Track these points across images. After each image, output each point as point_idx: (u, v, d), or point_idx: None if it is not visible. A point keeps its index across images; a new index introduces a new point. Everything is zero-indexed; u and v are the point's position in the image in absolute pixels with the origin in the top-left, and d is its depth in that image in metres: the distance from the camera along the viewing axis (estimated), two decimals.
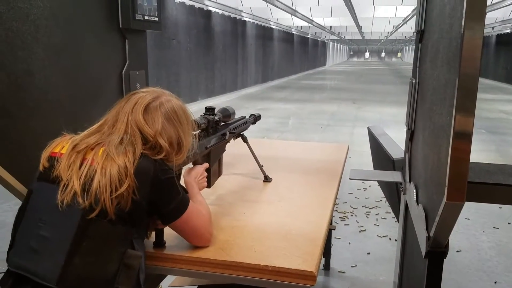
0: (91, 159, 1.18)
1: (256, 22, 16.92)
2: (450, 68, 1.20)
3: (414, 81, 1.87)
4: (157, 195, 1.20)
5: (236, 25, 14.85)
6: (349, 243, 3.33)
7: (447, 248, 1.38)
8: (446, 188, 1.10)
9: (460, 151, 1.07)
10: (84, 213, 1.13)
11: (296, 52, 25.91)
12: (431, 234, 1.31)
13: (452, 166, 1.08)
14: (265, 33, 18.56)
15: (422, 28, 1.83)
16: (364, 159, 5.13)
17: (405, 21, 17.92)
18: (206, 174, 1.55)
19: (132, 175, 1.15)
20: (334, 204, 1.78)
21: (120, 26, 1.98)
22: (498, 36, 21.20)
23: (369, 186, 4.61)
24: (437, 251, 1.37)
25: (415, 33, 1.99)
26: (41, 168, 1.23)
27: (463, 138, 1.06)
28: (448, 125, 1.13)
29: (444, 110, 1.23)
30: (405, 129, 2.07)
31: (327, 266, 2.92)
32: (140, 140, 1.21)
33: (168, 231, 1.36)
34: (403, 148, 2.29)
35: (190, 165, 1.53)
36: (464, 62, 1.03)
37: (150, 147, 1.23)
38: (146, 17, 2.06)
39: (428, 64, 1.63)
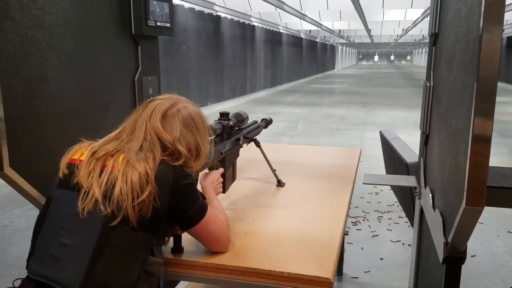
0: (112, 166, 1.18)
1: (265, 26, 16.96)
2: (468, 71, 1.18)
3: (428, 84, 1.86)
4: (177, 201, 1.20)
5: (245, 30, 14.89)
6: (362, 248, 3.31)
7: (465, 253, 1.36)
8: (465, 193, 1.09)
9: (479, 155, 1.06)
10: (106, 221, 1.13)
11: (305, 56, 25.90)
12: (449, 239, 1.30)
13: (471, 171, 1.07)
14: (274, 37, 18.59)
15: (436, 31, 1.81)
16: (375, 163, 5.10)
17: (415, 24, 17.84)
18: (221, 179, 1.55)
19: (153, 181, 1.15)
20: (348, 209, 1.77)
21: (133, 32, 1.98)
22: (509, 38, 21.01)
23: (381, 190, 4.57)
24: (455, 257, 1.35)
25: (428, 36, 1.97)
26: (60, 175, 1.23)
27: (482, 142, 1.05)
28: (466, 129, 1.12)
29: (462, 114, 1.21)
30: (416, 133, 2.05)
31: (339, 272, 2.90)
32: (159, 147, 1.21)
33: (184, 237, 1.35)
34: (416, 152, 2.27)
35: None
36: (482, 66, 1.02)
37: (169, 153, 1.23)
38: (158, 23, 2.06)
39: (443, 68, 1.61)
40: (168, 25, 2.16)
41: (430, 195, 1.66)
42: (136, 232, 1.14)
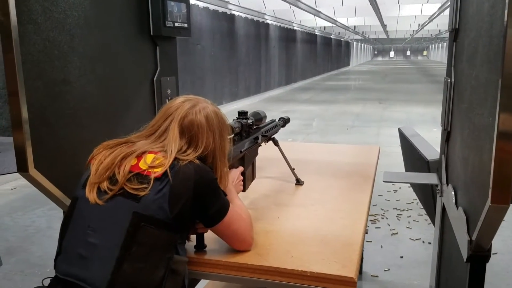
0: (133, 166, 1.21)
1: (279, 24, 16.92)
2: (491, 67, 1.16)
3: (449, 80, 1.83)
4: (200, 199, 1.20)
5: (259, 28, 14.88)
6: (381, 247, 3.28)
7: (489, 252, 1.34)
8: (490, 190, 1.07)
9: (504, 152, 1.04)
10: (133, 220, 1.14)
11: (319, 53, 25.79)
12: (473, 237, 1.28)
13: (496, 168, 1.05)
14: (288, 35, 18.54)
15: (457, 26, 1.78)
16: (392, 160, 5.05)
17: (431, 19, 17.61)
18: (242, 177, 1.56)
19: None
20: (369, 208, 1.76)
21: (151, 33, 2.00)
22: None
23: (400, 188, 4.53)
24: (480, 255, 1.33)
25: (445, 31, 1.94)
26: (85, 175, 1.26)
27: (508, 138, 1.03)
28: (491, 125, 1.10)
29: (486, 110, 1.20)
30: (435, 129, 2.03)
31: (359, 270, 2.87)
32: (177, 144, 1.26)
33: (207, 236, 1.36)
34: (436, 149, 2.24)
35: None
36: (507, 61, 1.00)
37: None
38: (176, 24, 2.08)
39: (465, 64, 1.59)
40: (186, 25, 2.17)
41: (453, 192, 1.64)
42: (161, 231, 1.15)
